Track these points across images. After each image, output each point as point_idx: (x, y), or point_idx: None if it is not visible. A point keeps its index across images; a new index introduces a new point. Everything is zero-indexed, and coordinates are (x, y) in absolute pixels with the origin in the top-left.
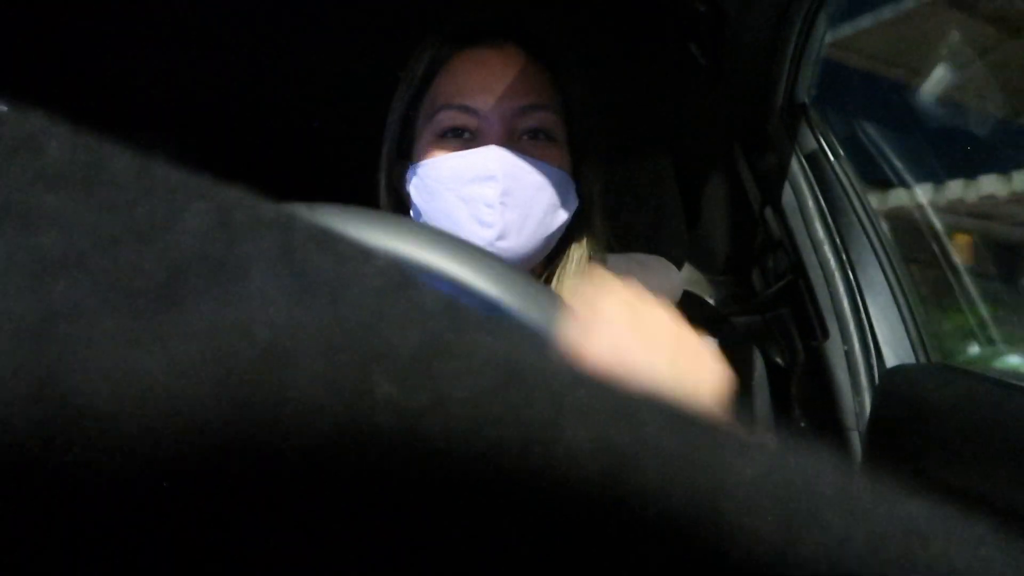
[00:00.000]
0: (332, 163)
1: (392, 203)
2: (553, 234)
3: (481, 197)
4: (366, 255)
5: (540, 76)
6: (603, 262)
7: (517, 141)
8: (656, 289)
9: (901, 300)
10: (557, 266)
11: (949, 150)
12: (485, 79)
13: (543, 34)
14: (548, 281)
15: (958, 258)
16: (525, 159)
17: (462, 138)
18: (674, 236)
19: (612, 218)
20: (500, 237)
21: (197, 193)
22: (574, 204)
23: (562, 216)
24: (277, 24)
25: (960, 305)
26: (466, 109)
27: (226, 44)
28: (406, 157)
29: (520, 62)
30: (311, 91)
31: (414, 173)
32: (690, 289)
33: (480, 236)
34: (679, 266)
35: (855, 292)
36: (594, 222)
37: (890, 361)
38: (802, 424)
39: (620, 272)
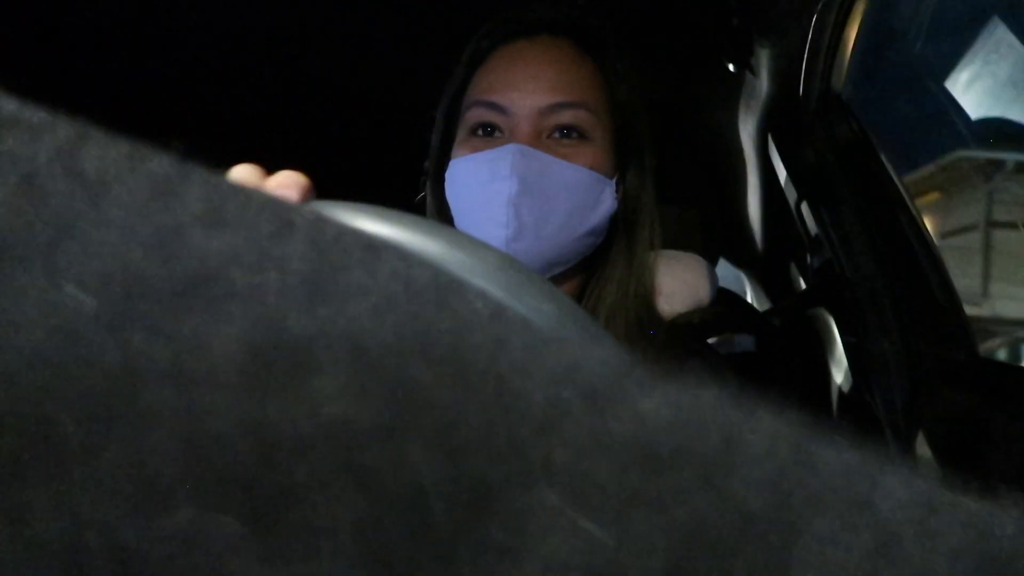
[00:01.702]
0: (381, 162)
1: (436, 200)
2: (581, 237)
3: (497, 197)
4: (398, 256)
5: (582, 71)
6: (651, 269)
7: (545, 139)
8: (691, 285)
9: (942, 296)
10: (596, 272)
11: None
12: (517, 75)
13: (590, 25)
14: (586, 288)
15: None
16: (548, 159)
17: (492, 136)
18: (708, 232)
19: None
20: (514, 238)
21: (230, 195)
22: (611, 207)
23: (592, 220)
24: (327, 26)
25: None
26: (494, 106)
27: (274, 45)
28: (448, 154)
29: (561, 56)
30: (359, 93)
31: (450, 170)
32: (726, 286)
33: (495, 236)
34: (714, 262)
35: (895, 287)
36: (639, 226)
37: (932, 358)
38: (843, 422)
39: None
